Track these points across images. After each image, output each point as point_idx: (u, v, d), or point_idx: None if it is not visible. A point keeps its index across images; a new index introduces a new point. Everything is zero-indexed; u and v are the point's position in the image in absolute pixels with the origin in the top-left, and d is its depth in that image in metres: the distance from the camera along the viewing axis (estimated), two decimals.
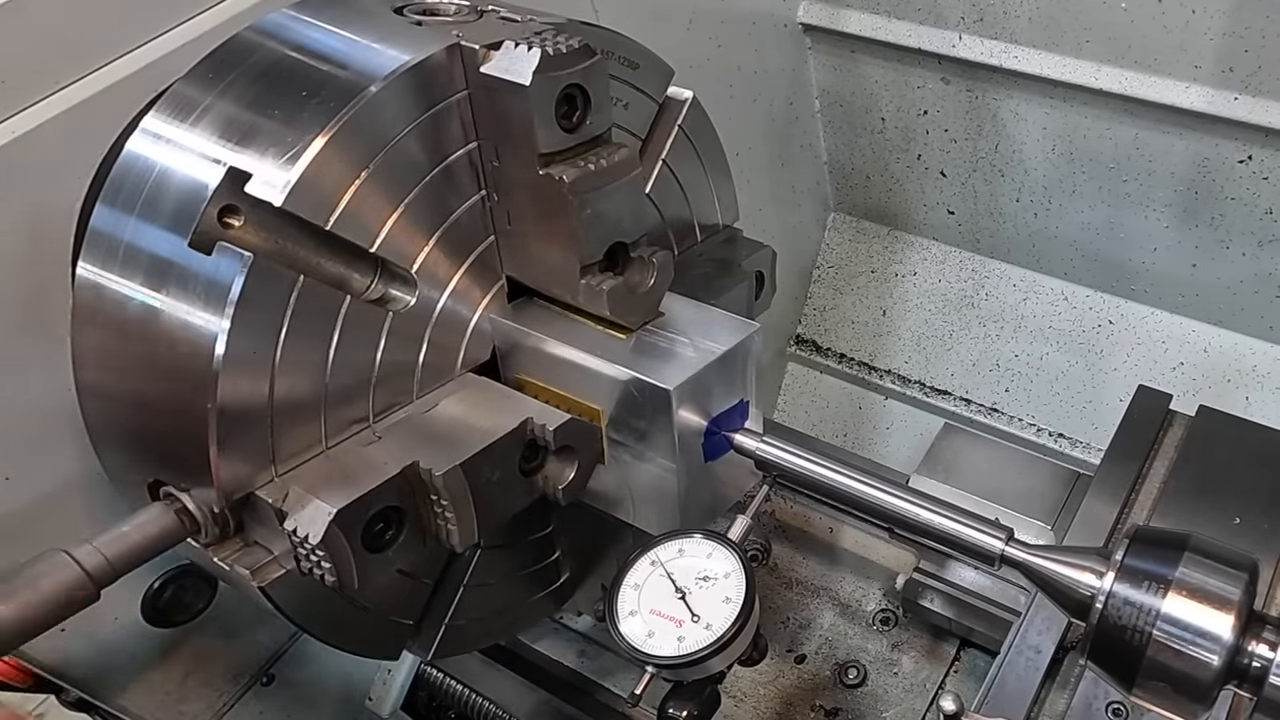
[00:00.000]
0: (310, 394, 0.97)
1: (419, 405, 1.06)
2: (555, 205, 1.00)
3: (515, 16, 1.02)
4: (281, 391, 0.94)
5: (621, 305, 1.06)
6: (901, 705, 1.44)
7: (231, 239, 0.89)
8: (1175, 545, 0.87)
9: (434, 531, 1.00)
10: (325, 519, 0.89)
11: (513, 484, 1.04)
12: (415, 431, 1.03)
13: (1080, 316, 2.28)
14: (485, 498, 1.00)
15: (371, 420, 1.04)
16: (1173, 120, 1.88)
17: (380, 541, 0.96)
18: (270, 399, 0.93)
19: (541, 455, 1.06)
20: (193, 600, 1.30)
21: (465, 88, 0.99)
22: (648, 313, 1.11)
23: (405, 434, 1.03)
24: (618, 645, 1.02)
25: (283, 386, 0.94)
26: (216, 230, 0.90)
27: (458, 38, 0.97)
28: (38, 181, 1.08)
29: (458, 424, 1.04)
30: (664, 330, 1.11)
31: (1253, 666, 0.83)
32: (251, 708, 1.47)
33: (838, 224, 2.57)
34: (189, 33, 1.17)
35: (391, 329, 1.02)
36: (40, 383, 1.09)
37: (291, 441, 0.97)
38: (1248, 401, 2.12)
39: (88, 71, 1.11)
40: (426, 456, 0.96)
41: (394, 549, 0.97)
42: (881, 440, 2.51)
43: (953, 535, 0.99)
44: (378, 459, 0.97)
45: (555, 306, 1.12)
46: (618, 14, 1.62)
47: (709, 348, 1.07)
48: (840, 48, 2.21)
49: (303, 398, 0.96)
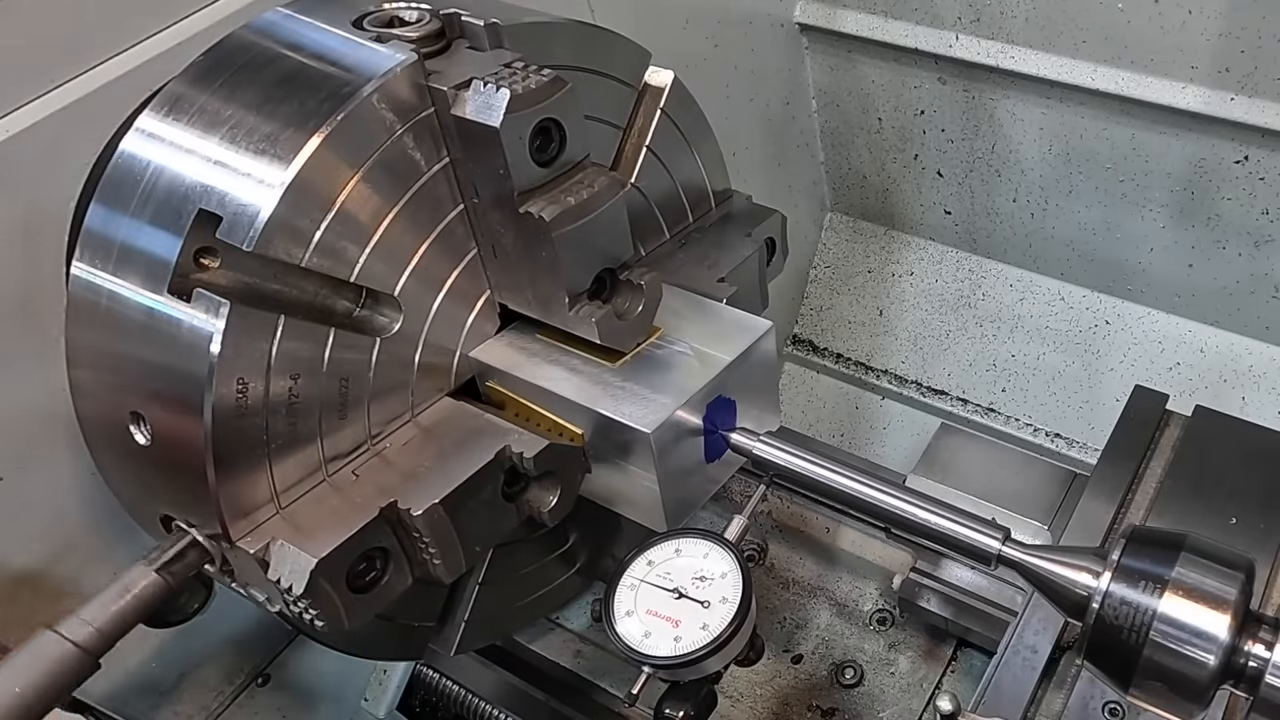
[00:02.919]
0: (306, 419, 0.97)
1: (396, 438, 1.05)
2: (537, 241, 0.98)
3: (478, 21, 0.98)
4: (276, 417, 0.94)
5: (612, 332, 1.05)
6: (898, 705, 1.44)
7: (207, 282, 0.88)
8: (1172, 545, 0.87)
9: (420, 565, 0.99)
10: (307, 570, 0.89)
11: (496, 511, 1.03)
12: (393, 467, 1.01)
13: (1077, 316, 2.29)
14: (468, 529, 0.99)
15: (370, 443, 1.03)
16: (1169, 120, 1.89)
17: (365, 582, 0.96)
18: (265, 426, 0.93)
19: (524, 480, 1.05)
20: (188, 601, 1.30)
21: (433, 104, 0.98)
22: (640, 335, 1.09)
23: (383, 470, 1.01)
24: (614, 645, 1.02)
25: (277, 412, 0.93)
26: (193, 272, 0.90)
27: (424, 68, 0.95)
28: (32, 180, 1.08)
29: (436, 456, 1.02)
30: (658, 350, 1.10)
31: (1249, 666, 0.83)
32: (247, 708, 1.46)
33: (834, 224, 2.57)
34: (183, 32, 1.17)
35: (382, 349, 1.01)
36: (34, 382, 1.09)
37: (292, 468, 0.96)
38: (1244, 401, 2.12)
39: (82, 70, 1.11)
40: (405, 495, 0.95)
41: (381, 587, 0.97)
42: (878, 440, 2.51)
43: (949, 535, 0.99)
44: (356, 501, 0.96)
45: (546, 334, 1.11)
46: (613, 13, 1.62)
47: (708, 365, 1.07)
48: (837, 47, 2.21)
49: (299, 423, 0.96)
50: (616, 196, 1.02)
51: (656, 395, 1.04)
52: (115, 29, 1.13)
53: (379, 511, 0.94)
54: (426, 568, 0.99)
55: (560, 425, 1.08)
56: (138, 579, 0.94)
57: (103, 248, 0.95)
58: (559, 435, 1.06)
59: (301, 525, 0.94)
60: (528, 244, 1.00)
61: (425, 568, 0.99)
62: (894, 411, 2.50)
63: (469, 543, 1.00)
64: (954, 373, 2.41)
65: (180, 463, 0.92)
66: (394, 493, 0.96)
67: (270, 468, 0.94)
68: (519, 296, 1.08)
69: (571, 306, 1.03)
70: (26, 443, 1.13)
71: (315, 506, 0.97)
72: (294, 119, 0.91)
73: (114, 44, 1.13)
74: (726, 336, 1.10)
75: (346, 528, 0.92)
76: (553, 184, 0.98)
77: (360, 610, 0.95)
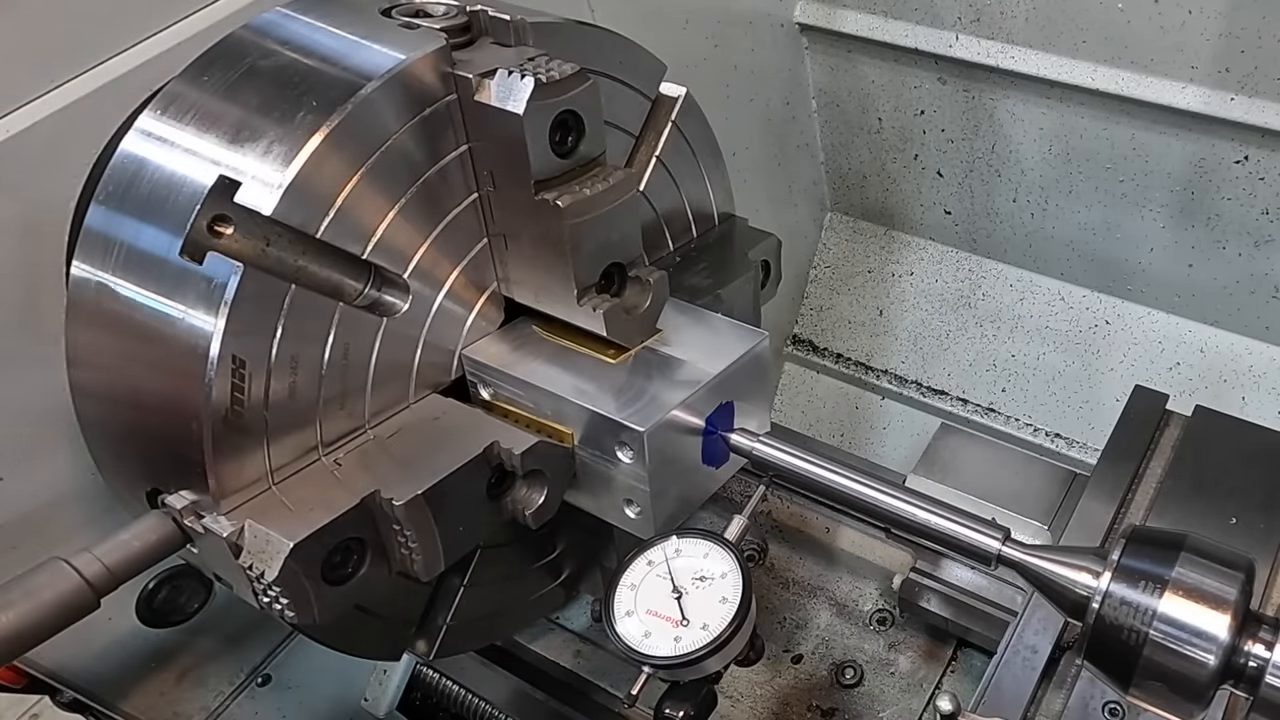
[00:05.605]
0: (306, 398, 0.96)
1: (383, 429, 1.04)
2: (551, 230, 1.00)
3: (504, 16, 1.01)
4: (277, 395, 0.93)
5: (618, 326, 1.06)
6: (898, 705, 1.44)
7: (222, 248, 0.89)
8: (1172, 545, 0.87)
9: (398, 561, 0.98)
10: (281, 555, 0.87)
11: (479, 510, 1.02)
12: (377, 457, 1.01)
13: (1077, 316, 2.29)
14: (450, 525, 0.98)
15: (367, 425, 1.03)
16: (1169, 120, 1.89)
17: (341, 574, 0.94)
18: (265, 402, 0.92)
19: (510, 479, 1.04)
20: (187, 601, 1.30)
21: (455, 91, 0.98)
22: (645, 332, 1.10)
23: (367, 460, 1.00)
24: (614, 645, 1.02)
25: (278, 390, 0.93)
26: (207, 239, 0.89)
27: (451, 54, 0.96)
28: (32, 180, 1.08)
29: (421, 448, 1.01)
30: (662, 349, 1.10)
31: (1249, 666, 0.83)
32: (247, 708, 1.46)
33: (834, 224, 2.57)
34: (183, 31, 1.17)
35: (386, 333, 1.01)
36: (34, 382, 1.09)
37: (288, 448, 0.96)
38: (1244, 401, 2.12)
39: (82, 70, 1.11)
40: (387, 485, 0.94)
41: (356, 581, 0.95)
42: (878, 440, 2.52)
43: (950, 535, 0.99)
44: (337, 488, 0.95)
45: (546, 329, 1.12)
46: (614, 13, 1.62)
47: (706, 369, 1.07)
48: (837, 47, 2.21)
49: (298, 402, 0.96)
50: (631, 193, 1.04)
51: (654, 395, 1.04)
52: (115, 29, 1.13)
53: (360, 500, 0.93)
54: (405, 563, 0.98)
55: (549, 427, 1.07)
56: (152, 525, 0.93)
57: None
58: (547, 436, 1.06)
59: (272, 514, 0.92)
60: (540, 234, 1.01)
61: (404, 563, 0.98)
62: (894, 411, 2.50)
63: (450, 539, 0.98)
64: (954, 373, 2.41)
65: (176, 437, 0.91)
66: (379, 481, 0.95)
67: (267, 446, 0.94)
68: (527, 288, 1.09)
69: (580, 298, 1.04)
70: (26, 443, 1.13)
71: (288, 495, 0.95)
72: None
73: (114, 44, 1.13)
74: (724, 344, 1.11)
75: (325, 514, 0.91)
76: (569, 175, 1.00)
77: (332, 603, 0.93)
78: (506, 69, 0.95)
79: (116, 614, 1.24)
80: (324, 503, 0.93)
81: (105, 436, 1.01)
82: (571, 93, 0.96)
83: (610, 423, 1.02)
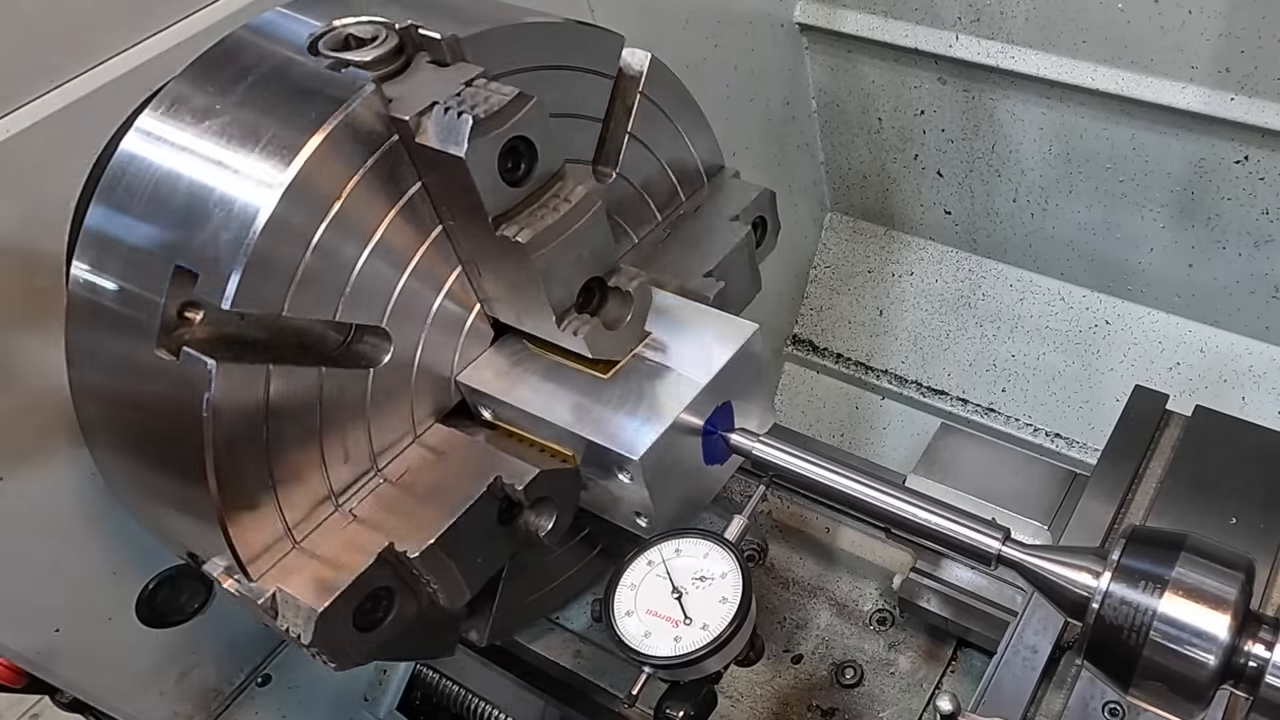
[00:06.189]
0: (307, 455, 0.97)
1: (392, 469, 1.04)
2: (517, 263, 0.96)
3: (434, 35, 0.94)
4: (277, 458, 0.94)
5: (602, 345, 1.04)
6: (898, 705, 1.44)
7: (195, 343, 0.88)
8: (1172, 545, 0.87)
9: (425, 596, 1.00)
10: (312, 620, 0.89)
11: (494, 539, 1.03)
12: (391, 502, 1.02)
13: (1077, 316, 2.29)
14: (468, 560, 0.99)
15: (376, 467, 1.03)
16: (1169, 120, 1.89)
17: (373, 619, 0.96)
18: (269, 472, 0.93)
19: (518, 507, 1.04)
20: (188, 601, 1.30)
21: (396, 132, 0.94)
22: (632, 341, 1.08)
23: (381, 505, 1.02)
24: (614, 645, 1.02)
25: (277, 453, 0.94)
26: (178, 327, 0.90)
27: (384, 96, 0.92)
28: (32, 180, 1.08)
29: (430, 488, 1.02)
30: (652, 355, 1.09)
31: (1249, 666, 0.83)
32: (247, 709, 1.46)
33: (834, 224, 2.57)
34: (183, 31, 1.17)
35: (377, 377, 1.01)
36: (34, 383, 1.09)
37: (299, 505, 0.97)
38: (1244, 401, 2.12)
39: (82, 70, 1.11)
40: (400, 537, 0.95)
41: (388, 623, 0.97)
42: (878, 440, 2.52)
43: (950, 535, 0.99)
44: (355, 542, 0.97)
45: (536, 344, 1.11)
46: (614, 13, 1.62)
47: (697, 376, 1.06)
48: (837, 47, 2.21)
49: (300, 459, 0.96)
50: (595, 206, 0.99)
51: (647, 413, 1.03)
52: (115, 29, 1.13)
53: (377, 556, 0.94)
54: (432, 599, 1.00)
55: (552, 448, 1.08)
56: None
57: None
58: (551, 456, 1.06)
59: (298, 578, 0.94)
60: (507, 266, 0.98)
61: (431, 598, 1.00)
62: (894, 411, 2.50)
63: (470, 572, 1.00)
64: (954, 373, 2.41)
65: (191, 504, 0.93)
66: (392, 532, 0.96)
67: (279, 505, 0.95)
68: (508, 309, 1.07)
69: (560, 322, 1.01)
70: (26, 443, 1.12)
71: (325, 541, 0.98)
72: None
73: (114, 44, 1.13)
74: (714, 343, 1.09)
75: (347, 575, 0.93)
76: (528, 202, 0.95)
77: (370, 646, 0.96)
78: (444, 105, 0.89)
79: (116, 614, 1.24)
80: (345, 560, 0.94)
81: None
82: (515, 118, 0.90)
83: (606, 450, 1.02)
